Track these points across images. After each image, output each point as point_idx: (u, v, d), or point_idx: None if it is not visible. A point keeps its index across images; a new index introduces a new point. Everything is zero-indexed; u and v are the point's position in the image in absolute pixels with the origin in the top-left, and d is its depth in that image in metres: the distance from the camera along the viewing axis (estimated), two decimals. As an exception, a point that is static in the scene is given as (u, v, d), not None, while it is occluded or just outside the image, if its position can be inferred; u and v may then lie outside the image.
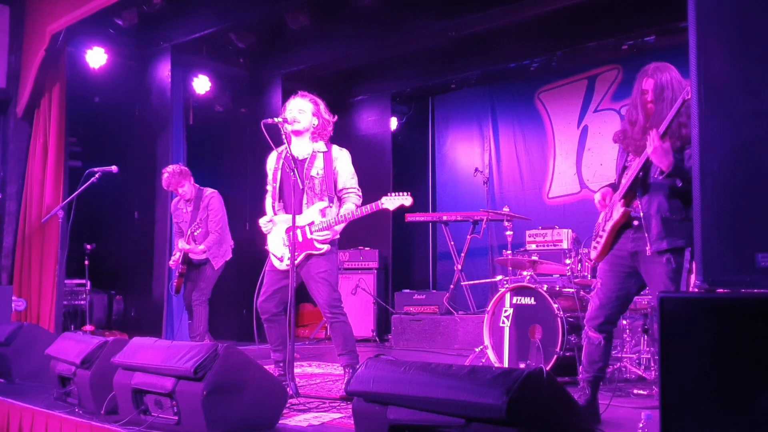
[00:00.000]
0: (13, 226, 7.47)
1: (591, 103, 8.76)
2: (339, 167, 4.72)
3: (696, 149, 2.01)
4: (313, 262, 4.64)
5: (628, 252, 3.71)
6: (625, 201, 3.69)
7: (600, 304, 3.80)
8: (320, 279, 4.61)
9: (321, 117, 4.76)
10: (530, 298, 5.35)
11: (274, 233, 4.77)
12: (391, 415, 2.84)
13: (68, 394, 4.27)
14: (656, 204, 3.59)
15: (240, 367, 3.53)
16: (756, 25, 1.97)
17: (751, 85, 1.97)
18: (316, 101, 4.79)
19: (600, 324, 3.79)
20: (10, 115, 7.63)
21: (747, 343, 1.88)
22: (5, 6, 7.65)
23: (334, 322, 4.60)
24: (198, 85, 8.78)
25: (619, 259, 3.75)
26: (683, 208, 3.56)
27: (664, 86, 3.58)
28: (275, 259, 4.76)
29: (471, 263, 8.75)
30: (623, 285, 3.76)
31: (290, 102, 4.79)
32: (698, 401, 1.95)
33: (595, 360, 3.82)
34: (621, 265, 3.75)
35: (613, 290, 3.77)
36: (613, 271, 3.78)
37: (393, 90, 10.00)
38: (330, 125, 4.81)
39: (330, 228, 4.60)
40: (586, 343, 3.87)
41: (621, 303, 3.82)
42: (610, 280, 3.78)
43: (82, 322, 7.84)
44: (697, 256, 2.02)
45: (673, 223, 3.55)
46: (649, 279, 3.66)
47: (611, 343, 3.90)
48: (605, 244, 3.78)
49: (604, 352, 3.82)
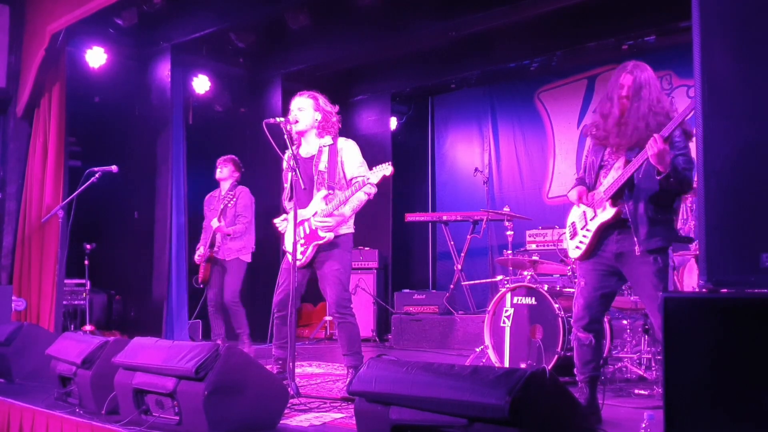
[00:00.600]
0: (12, 225, 7.46)
1: (591, 103, 8.75)
2: (345, 157, 4.70)
3: (700, 150, 2.01)
4: (326, 260, 4.63)
5: (612, 253, 3.72)
6: (612, 201, 3.69)
7: (585, 303, 3.80)
8: (332, 278, 4.60)
9: (322, 110, 4.76)
10: (531, 298, 5.35)
11: (288, 231, 4.78)
12: (394, 416, 2.84)
13: (69, 394, 4.27)
14: (643, 204, 3.60)
15: (241, 367, 3.53)
16: (759, 27, 1.97)
17: (754, 86, 1.97)
18: (315, 96, 4.79)
19: (587, 323, 3.80)
20: (9, 114, 7.62)
21: (751, 342, 1.87)
22: (5, 6, 7.64)
23: (342, 323, 4.60)
24: (198, 84, 8.77)
25: (602, 259, 3.77)
26: (666, 208, 3.61)
27: (643, 85, 3.61)
28: (289, 255, 4.76)
29: (471, 263, 8.75)
30: (606, 283, 3.79)
31: (291, 103, 4.81)
32: (701, 401, 1.95)
33: (588, 360, 3.83)
34: (603, 264, 3.77)
35: (597, 288, 3.79)
36: (596, 270, 3.79)
37: (393, 90, 10.00)
38: (333, 116, 4.81)
39: (331, 214, 4.58)
40: (576, 344, 3.87)
41: (606, 301, 3.85)
42: (594, 279, 3.79)
43: (81, 322, 7.83)
44: (701, 256, 2.02)
45: (658, 224, 3.58)
46: (635, 279, 3.67)
47: (601, 341, 3.91)
48: (591, 244, 3.77)
49: (595, 350, 3.83)
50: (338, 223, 4.63)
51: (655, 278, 3.56)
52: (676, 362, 1.99)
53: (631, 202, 3.62)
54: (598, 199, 3.75)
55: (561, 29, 7.87)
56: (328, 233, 4.60)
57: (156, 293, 7.94)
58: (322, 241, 4.60)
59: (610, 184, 3.67)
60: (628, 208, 3.62)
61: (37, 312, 7.13)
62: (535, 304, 5.31)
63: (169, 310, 7.88)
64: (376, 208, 8.49)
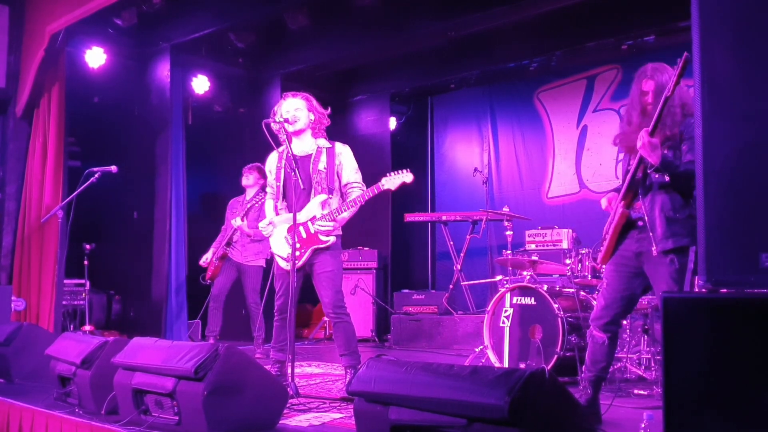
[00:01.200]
0: (12, 225, 7.45)
1: (590, 103, 8.75)
2: (343, 161, 4.74)
3: (699, 149, 2.01)
4: (319, 260, 4.65)
5: (632, 252, 3.72)
6: (625, 202, 3.69)
7: (605, 304, 3.80)
8: (326, 279, 4.62)
9: (316, 111, 4.80)
10: (530, 298, 5.35)
11: (276, 235, 4.78)
12: (393, 416, 2.84)
13: (68, 394, 4.27)
14: (659, 203, 3.59)
15: (240, 367, 3.53)
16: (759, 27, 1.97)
17: (754, 86, 1.97)
18: (308, 97, 4.83)
19: (605, 324, 3.79)
20: (9, 114, 7.62)
21: (750, 342, 1.87)
22: (5, 6, 7.63)
23: (338, 323, 4.60)
24: (197, 84, 8.77)
25: (625, 260, 3.76)
26: (686, 205, 3.57)
27: (664, 87, 3.59)
28: (281, 260, 4.76)
29: (470, 263, 8.75)
30: (628, 285, 3.77)
31: (282, 104, 4.80)
32: (701, 401, 1.95)
33: (599, 360, 3.82)
34: (626, 266, 3.76)
35: (619, 290, 3.78)
36: (618, 271, 3.78)
37: (392, 90, 9.99)
38: (325, 118, 4.85)
39: (333, 219, 4.60)
40: (590, 342, 3.86)
41: (626, 303, 3.82)
42: (616, 281, 3.78)
43: (81, 322, 7.83)
44: (700, 255, 2.02)
45: (677, 222, 3.56)
46: (654, 279, 3.66)
47: (615, 344, 3.90)
48: (609, 246, 3.79)
49: (608, 352, 3.82)
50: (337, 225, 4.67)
51: (670, 280, 3.54)
52: (676, 362, 1.99)
53: (646, 202, 3.63)
54: (617, 202, 3.76)
55: (560, 29, 7.87)
56: (329, 237, 4.61)
57: (155, 293, 7.94)
58: (323, 246, 4.61)
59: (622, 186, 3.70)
60: (644, 207, 3.62)
61: (37, 312, 7.13)
62: (535, 304, 5.31)
63: (169, 310, 7.88)
64: (376, 208, 8.51)
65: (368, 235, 8.94)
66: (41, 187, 7.30)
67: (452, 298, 8.09)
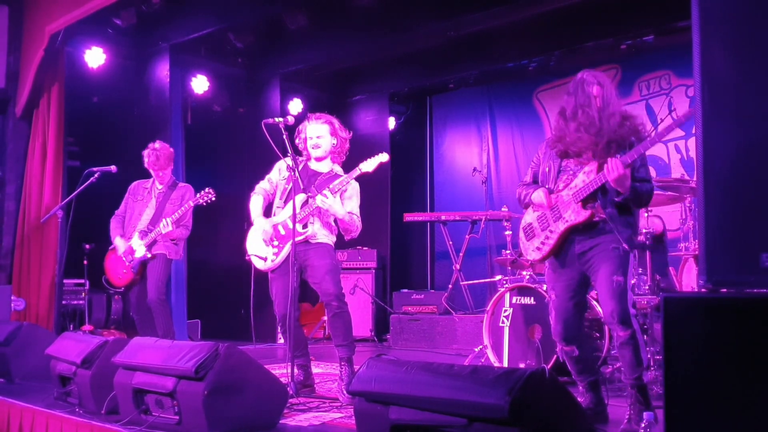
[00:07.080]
0: (12, 225, 7.46)
1: (589, 103, 8.75)
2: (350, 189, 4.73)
3: (700, 150, 2.01)
4: (316, 257, 4.66)
5: (575, 254, 3.72)
6: (582, 204, 3.68)
7: (559, 316, 3.80)
8: (325, 271, 4.63)
9: (338, 135, 4.84)
10: (530, 297, 5.35)
11: (252, 237, 4.81)
12: (393, 415, 2.85)
13: (68, 394, 4.27)
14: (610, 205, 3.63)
15: (241, 366, 3.54)
16: (759, 26, 1.97)
17: (755, 86, 1.97)
18: (331, 121, 4.85)
19: (567, 336, 3.78)
20: (8, 115, 7.62)
21: (751, 342, 1.88)
22: (4, 6, 7.64)
23: (339, 313, 4.62)
24: (196, 84, 8.77)
25: (566, 265, 3.77)
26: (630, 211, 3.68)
27: (610, 102, 3.64)
28: (259, 260, 4.76)
29: (469, 263, 8.74)
30: (576, 291, 3.78)
31: (307, 128, 4.82)
32: (701, 401, 1.95)
33: (581, 369, 3.85)
34: (569, 271, 3.77)
35: (567, 299, 3.78)
36: (561, 279, 3.79)
37: (391, 89, 10.00)
38: (347, 143, 4.90)
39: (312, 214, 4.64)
40: (565, 358, 3.87)
41: (579, 309, 3.83)
42: (563, 290, 3.79)
43: (80, 322, 7.83)
44: (701, 255, 2.02)
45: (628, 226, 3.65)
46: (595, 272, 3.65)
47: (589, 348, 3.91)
48: (554, 246, 3.76)
49: (585, 359, 3.83)
50: (325, 224, 4.72)
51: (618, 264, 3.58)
52: (676, 362, 1.99)
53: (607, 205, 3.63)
54: (566, 201, 3.73)
55: (559, 29, 7.88)
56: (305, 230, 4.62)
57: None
58: (300, 238, 4.60)
59: (580, 188, 3.66)
60: (607, 211, 3.62)
61: (37, 312, 7.13)
62: (534, 303, 5.31)
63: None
64: (375, 208, 8.51)
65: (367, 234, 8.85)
66: (41, 187, 7.31)
67: (451, 297, 8.09)
